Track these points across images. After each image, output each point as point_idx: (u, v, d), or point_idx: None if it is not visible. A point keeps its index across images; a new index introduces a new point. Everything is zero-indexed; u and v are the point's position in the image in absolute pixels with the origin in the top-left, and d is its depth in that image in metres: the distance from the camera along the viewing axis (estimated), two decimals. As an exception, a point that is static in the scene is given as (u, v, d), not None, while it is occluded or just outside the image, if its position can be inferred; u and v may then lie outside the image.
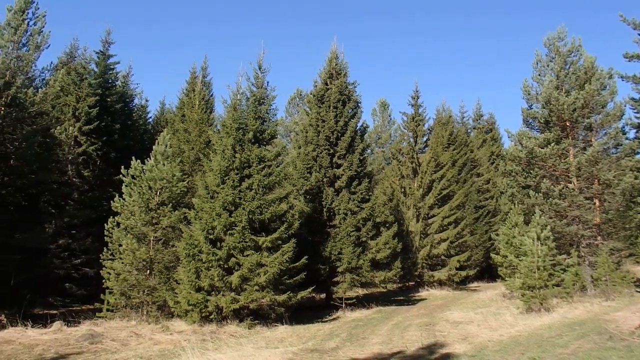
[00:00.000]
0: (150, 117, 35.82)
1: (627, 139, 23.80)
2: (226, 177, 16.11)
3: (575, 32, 50.94)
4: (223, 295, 14.90)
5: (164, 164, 16.92)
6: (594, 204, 21.85)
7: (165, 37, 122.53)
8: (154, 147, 17.53)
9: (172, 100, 51.92)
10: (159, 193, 16.66)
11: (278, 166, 17.42)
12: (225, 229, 15.34)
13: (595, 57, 22.34)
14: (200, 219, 15.67)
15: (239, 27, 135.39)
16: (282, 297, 15.25)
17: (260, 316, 15.71)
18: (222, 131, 17.14)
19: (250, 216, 15.47)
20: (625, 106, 23.04)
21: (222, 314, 14.92)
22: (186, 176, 19.69)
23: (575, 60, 22.97)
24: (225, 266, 15.18)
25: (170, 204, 16.53)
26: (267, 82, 17.93)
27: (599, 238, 21.57)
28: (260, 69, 17.86)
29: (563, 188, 21.76)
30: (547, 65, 23.44)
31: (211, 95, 29.30)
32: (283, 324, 15.38)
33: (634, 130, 25.56)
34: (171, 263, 16.29)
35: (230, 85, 17.78)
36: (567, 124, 22.25)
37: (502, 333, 13.36)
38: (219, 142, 16.90)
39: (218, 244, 15.40)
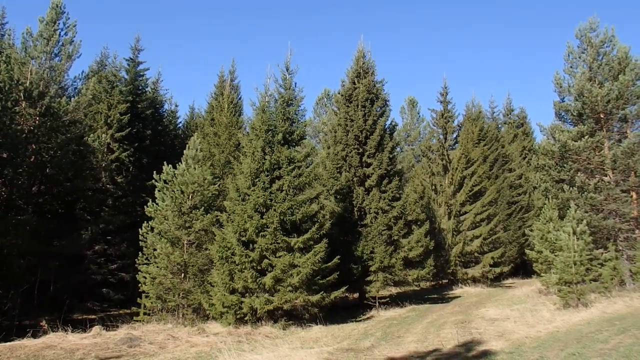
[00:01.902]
0: (180, 122, 36.41)
1: (664, 129, 23.14)
2: (257, 179, 16.21)
3: (608, 22, 49.57)
4: (257, 296, 14.99)
5: (195, 168, 17.15)
6: (631, 196, 21.25)
7: (192, 42, 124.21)
8: (184, 151, 17.77)
9: (201, 105, 52.83)
10: (191, 197, 16.88)
11: (308, 167, 17.40)
12: (257, 231, 15.43)
13: (630, 46, 21.83)
14: (232, 222, 15.81)
15: (265, 29, 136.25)
16: (315, 298, 15.26)
17: (294, 317, 15.78)
18: (252, 133, 17.26)
19: (282, 217, 15.53)
20: (662, 95, 22.37)
21: (256, 316, 15.02)
22: (217, 179, 19.91)
23: (608, 50, 22.42)
24: (258, 268, 15.26)
25: (203, 208, 16.73)
26: (295, 83, 17.98)
27: (637, 231, 21.00)
28: (287, 70, 17.91)
29: (598, 181, 21.26)
30: (579, 57, 22.94)
31: (239, 98, 29.64)
32: (317, 324, 15.40)
33: (673, 120, 24.81)
34: (205, 266, 16.48)
35: (258, 88, 18.02)
36: (601, 116, 21.72)
37: (539, 329, 13.13)
38: (248, 145, 17.02)
39: (250, 245, 15.50)
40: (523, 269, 32.68)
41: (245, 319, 14.91)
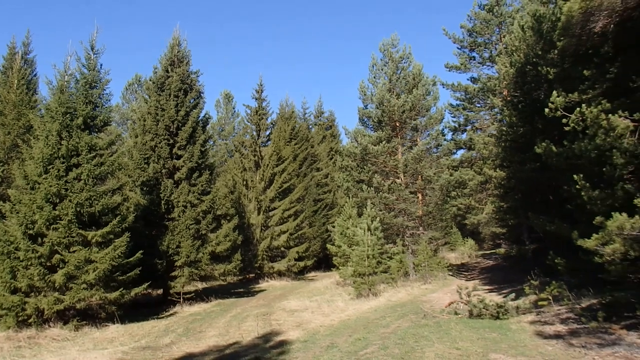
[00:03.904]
0: (-43, 96, 31.02)
1: (445, 140, 27.00)
2: (50, 166, 14.61)
3: (407, 41, 55.86)
4: (45, 296, 13.55)
5: (-28, 150, 14.85)
6: (418, 197, 24.15)
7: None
8: (-41, 130, 15.27)
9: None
10: (-34, 183, 14.58)
11: (111, 155, 16.22)
12: (48, 223, 13.92)
13: (422, 65, 24.79)
14: (17, 213, 14.02)
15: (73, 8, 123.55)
16: (113, 295, 14.31)
17: (89, 316, 14.61)
18: (47, 115, 15.49)
19: (78, 209, 14.27)
20: (445, 111, 26.00)
21: (43, 317, 13.56)
22: (1, 164, 17.48)
23: (405, 66, 25.16)
24: (48, 264, 13.80)
25: (-20, 196, 14.57)
26: (101, 65, 16.57)
27: (420, 228, 23.92)
28: (92, 49, 16.45)
29: (392, 183, 23.71)
30: (382, 69, 25.32)
31: (34, 75, 26.38)
32: (114, 323, 14.49)
33: (451, 133, 29.03)
34: (-20, 263, 14.35)
35: (56, 65, 16.11)
36: (397, 124, 24.24)
37: (333, 318, 14.16)
38: (42, 127, 15.26)
39: (39, 239, 13.95)
40: (325, 262, 34.80)
41: (30, 321, 13.35)
